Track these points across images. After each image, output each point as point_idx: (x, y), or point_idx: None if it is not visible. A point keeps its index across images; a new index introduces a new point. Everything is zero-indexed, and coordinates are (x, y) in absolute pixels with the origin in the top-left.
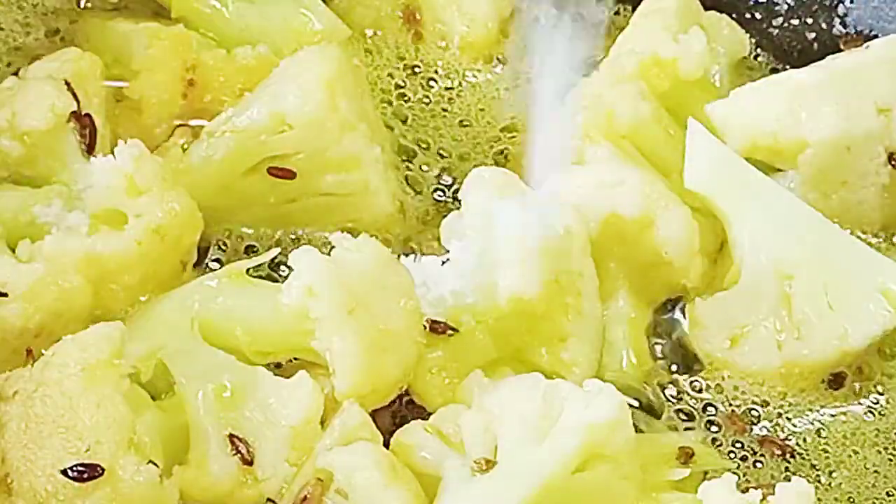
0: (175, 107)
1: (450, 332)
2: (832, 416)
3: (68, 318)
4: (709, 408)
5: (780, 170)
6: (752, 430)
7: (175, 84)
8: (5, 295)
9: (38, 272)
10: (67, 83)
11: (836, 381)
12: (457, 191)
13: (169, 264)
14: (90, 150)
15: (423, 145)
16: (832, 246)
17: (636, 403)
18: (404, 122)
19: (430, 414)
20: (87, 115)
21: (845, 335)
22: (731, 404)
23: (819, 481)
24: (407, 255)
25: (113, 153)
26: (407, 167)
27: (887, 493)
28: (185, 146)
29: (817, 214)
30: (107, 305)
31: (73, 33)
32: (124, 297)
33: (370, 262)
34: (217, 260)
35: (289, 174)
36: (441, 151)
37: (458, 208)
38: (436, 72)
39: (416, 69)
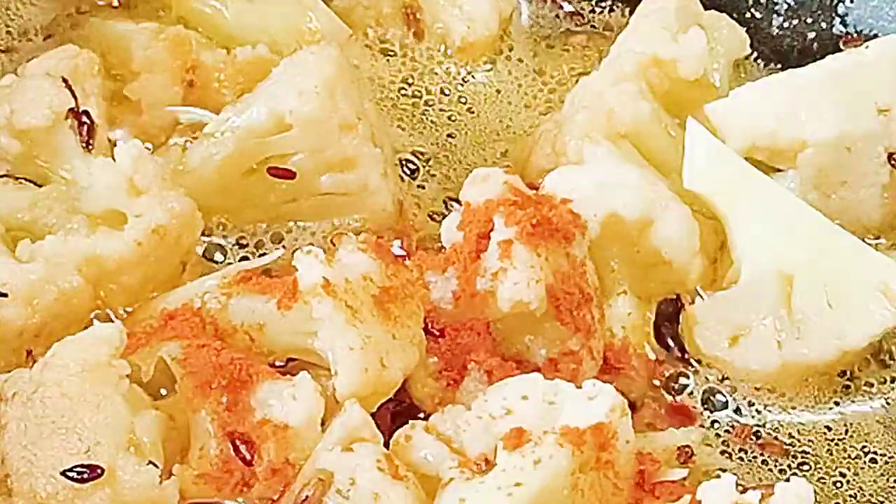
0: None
1: (450, 335)
2: (832, 415)
3: (68, 318)
4: (708, 407)
5: (779, 170)
6: (751, 429)
7: (175, 84)
8: (5, 295)
9: (39, 272)
10: (65, 80)
11: (835, 380)
12: (457, 191)
13: (169, 265)
14: (89, 146)
15: (424, 145)
16: (832, 245)
17: (635, 403)
18: (404, 121)
19: (430, 414)
20: (86, 111)
21: (845, 334)
22: (730, 404)
23: (819, 481)
24: (407, 256)
25: (112, 153)
26: (407, 167)
27: (888, 493)
28: (185, 147)
29: (817, 214)
30: (107, 306)
31: (72, 33)
32: (124, 298)
33: (372, 263)
34: (217, 260)
35: (289, 174)
36: (441, 151)
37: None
38: (436, 72)
39: (417, 69)
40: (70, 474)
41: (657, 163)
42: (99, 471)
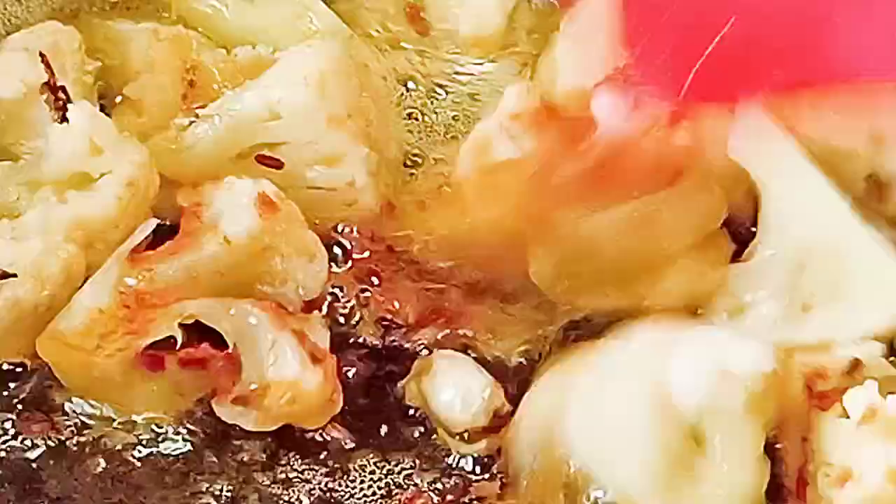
0: (175, 107)
1: None
2: None
3: (69, 286)
4: None
5: None
6: None
7: (175, 84)
8: (15, 275)
9: (38, 247)
10: (42, 55)
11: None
12: None
13: (143, 215)
14: (63, 121)
15: (429, 144)
16: (851, 240)
17: None
18: (408, 119)
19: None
20: (62, 87)
21: (845, 331)
22: None
23: None
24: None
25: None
26: (412, 166)
27: None
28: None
29: (845, 205)
30: (94, 266)
31: None
32: (110, 255)
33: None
34: None
35: (276, 163)
36: (446, 151)
37: None
38: (440, 69)
39: (421, 68)
40: None
41: None
42: None
